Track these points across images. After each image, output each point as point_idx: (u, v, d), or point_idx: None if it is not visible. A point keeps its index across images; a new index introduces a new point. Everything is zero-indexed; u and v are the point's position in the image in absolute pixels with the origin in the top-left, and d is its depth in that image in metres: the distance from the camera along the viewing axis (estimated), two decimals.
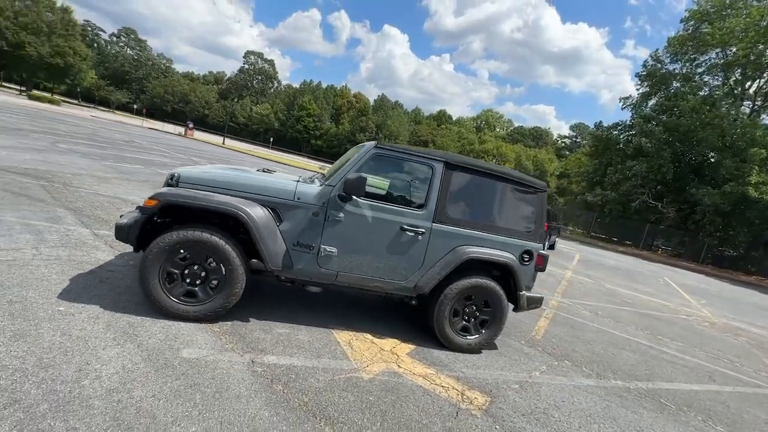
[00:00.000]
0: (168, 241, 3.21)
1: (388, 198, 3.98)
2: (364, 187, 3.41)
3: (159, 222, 3.55)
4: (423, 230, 3.73)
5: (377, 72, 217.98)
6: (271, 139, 74.05)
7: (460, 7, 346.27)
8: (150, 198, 3.27)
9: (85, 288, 3.53)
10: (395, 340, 3.99)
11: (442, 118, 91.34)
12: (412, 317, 4.74)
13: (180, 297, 3.33)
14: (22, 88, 62.23)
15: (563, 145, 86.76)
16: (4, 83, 65.40)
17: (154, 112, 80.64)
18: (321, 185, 3.67)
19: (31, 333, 2.70)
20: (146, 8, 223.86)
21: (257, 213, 3.36)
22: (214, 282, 3.38)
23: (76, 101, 71.21)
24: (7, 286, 3.24)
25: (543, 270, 4.28)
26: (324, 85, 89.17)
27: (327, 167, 7.67)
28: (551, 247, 4.74)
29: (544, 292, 6.65)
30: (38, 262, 3.83)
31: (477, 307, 4.10)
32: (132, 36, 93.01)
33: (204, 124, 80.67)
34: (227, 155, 28.71)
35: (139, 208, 3.34)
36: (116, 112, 72.56)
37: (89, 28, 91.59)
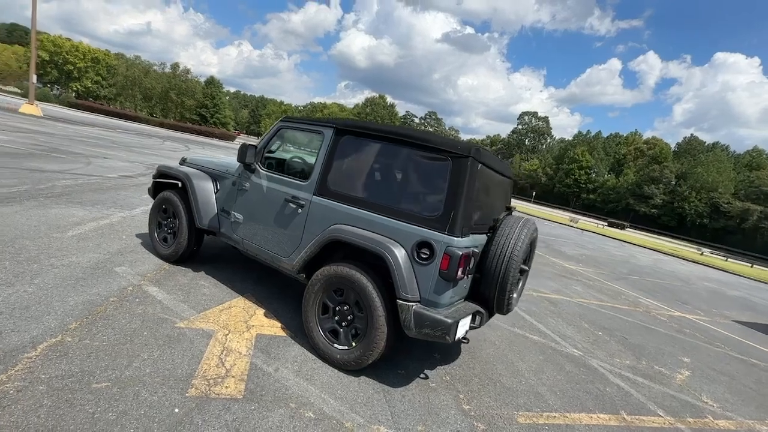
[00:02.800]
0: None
1: (286, 169, 3.78)
2: (245, 155, 3.47)
3: None
4: (303, 203, 3.19)
5: (701, 112, 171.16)
6: (533, 194, 72.05)
7: None
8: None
9: None
10: (272, 320, 3.36)
11: None
12: None
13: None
14: None
15: None
16: None
17: None
18: None
19: None
20: (454, 96, 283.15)
21: (203, 182, 3.94)
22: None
23: None
24: None
25: (451, 278, 2.51)
26: (604, 134, 79.18)
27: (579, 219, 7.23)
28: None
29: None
30: None
31: (350, 308, 2.80)
32: (433, 116, 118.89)
33: None
34: None
35: None
36: None
37: (408, 116, 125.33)
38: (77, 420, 1.85)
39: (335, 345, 2.88)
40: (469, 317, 2.75)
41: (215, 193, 3.91)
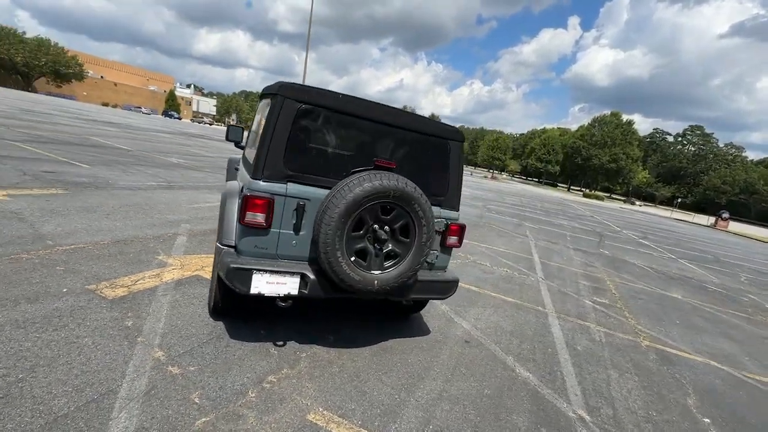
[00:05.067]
0: None
1: None
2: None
3: None
4: None
5: None
6: None
7: None
8: None
9: None
10: None
11: None
12: None
13: None
14: (583, 190, 79.41)
15: None
16: (572, 186, 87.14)
17: (706, 206, 72.75)
18: None
19: None
20: (749, 104, 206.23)
21: None
22: None
23: (624, 198, 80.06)
24: None
25: (242, 220, 2.37)
26: None
27: None
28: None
29: None
30: None
31: None
32: (697, 132, 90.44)
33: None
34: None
35: None
36: (659, 206, 73.38)
37: (657, 135, 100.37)
38: None
39: None
40: (282, 276, 2.38)
41: None
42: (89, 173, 7.26)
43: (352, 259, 2.39)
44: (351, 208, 2.27)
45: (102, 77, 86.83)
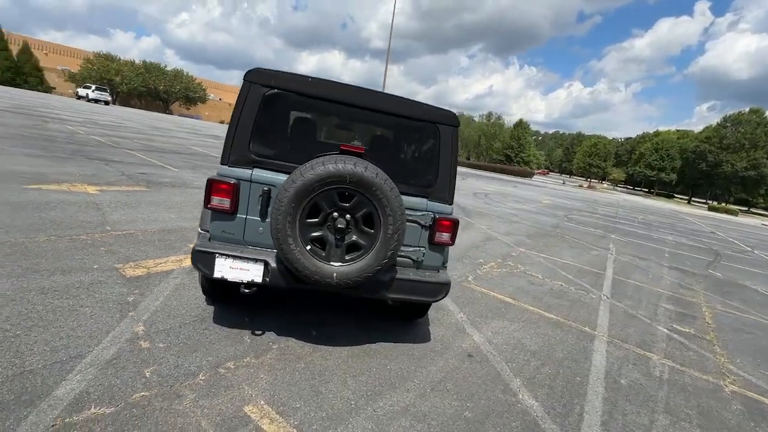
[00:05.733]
0: None
1: None
2: None
3: None
4: None
5: None
6: None
7: None
8: None
9: None
10: None
11: None
12: None
13: None
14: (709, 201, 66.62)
15: None
16: (694, 198, 73.40)
17: None
18: None
19: None
20: None
21: None
22: None
23: None
24: None
25: (207, 205, 2.45)
26: None
27: None
28: None
29: None
30: None
31: None
32: None
33: None
34: None
35: None
36: None
37: None
38: None
39: None
40: (245, 262, 2.35)
41: None
42: (174, 175, 8.39)
43: (308, 247, 2.26)
44: (302, 194, 2.14)
45: (220, 99, 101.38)
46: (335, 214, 2.26)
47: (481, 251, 6.58)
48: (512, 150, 72.34)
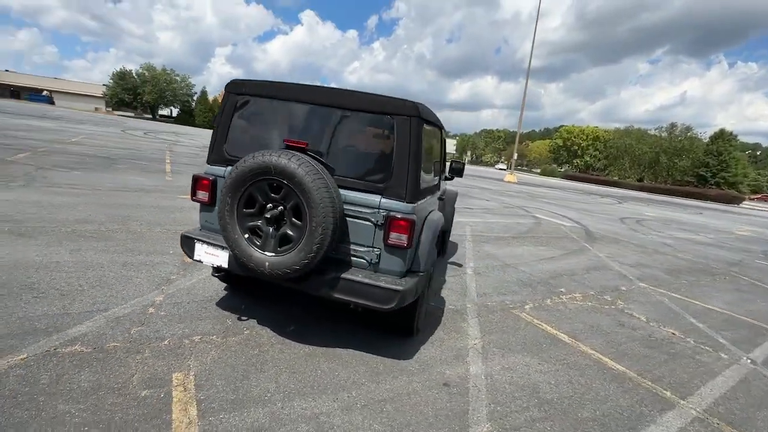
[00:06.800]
0: None
1: None
2: None
3: None
4: None
5: None
6: None
7: None
8: None
9: None
10: None
11: None
12: None
13: None
14: None
15: None
16: None
17: None
18: None
19: None
20: None
21: None
22: None
23: None
24: None
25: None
26: None
27: None
28: None
29: None
30: None
31: None
32: None
33: None
34: None
35: None
36: None
37: None
38: None
39: None
40: (215, 249, 2.64)
41: None
42: None
43: (246, 236, 2.39)
44: (237, 184, 2.31)
45: None
46: (270, 205, 2.35)
47: (571, 280, 5.40)
48: (708, 169, 56.73)
